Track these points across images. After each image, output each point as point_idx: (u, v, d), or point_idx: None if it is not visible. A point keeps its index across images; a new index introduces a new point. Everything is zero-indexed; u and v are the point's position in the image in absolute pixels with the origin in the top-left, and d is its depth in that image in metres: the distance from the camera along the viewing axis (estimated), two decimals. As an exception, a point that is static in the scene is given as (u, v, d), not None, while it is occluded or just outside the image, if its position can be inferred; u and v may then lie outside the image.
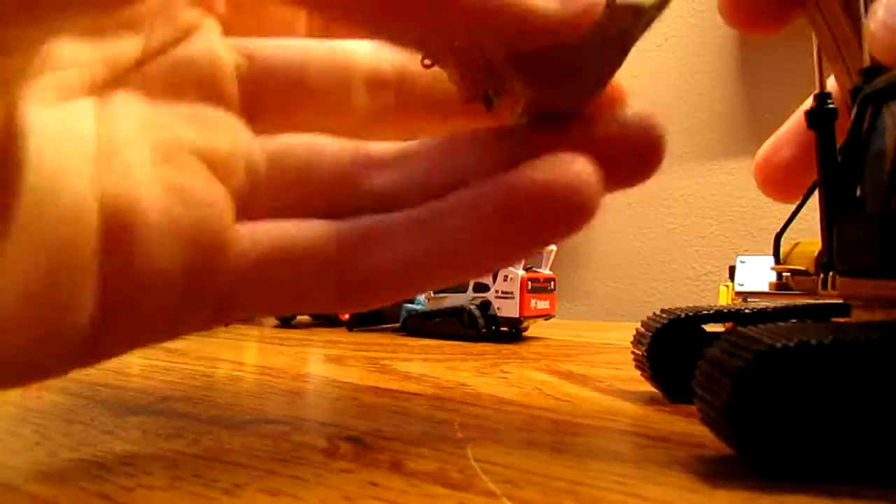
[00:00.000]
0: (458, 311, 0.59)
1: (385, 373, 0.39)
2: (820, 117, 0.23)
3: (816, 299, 0.28)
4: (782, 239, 0.29)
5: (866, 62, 0.21)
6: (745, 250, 0.87)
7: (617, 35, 0.17)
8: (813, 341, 0.18)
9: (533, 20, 0.15)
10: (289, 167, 0.19)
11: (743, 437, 0.18)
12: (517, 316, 0.57)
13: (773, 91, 0.86)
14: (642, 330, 0.31)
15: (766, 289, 0.47)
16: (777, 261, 0.29)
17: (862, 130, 0.20)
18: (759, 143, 0.24)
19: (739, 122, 0.87)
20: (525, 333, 0.61)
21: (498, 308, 0.58)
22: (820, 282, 0.24)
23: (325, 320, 0.73)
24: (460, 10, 0.14)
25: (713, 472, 0.20)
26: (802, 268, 0.27)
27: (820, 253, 0.24)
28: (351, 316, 0.70)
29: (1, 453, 0.21)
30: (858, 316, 0.23)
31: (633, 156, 0.18)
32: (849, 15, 0.22)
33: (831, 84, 0.25)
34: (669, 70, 0.96)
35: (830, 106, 0.24)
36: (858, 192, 0.21)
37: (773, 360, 0.18)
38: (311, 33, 0.21)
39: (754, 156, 0.27)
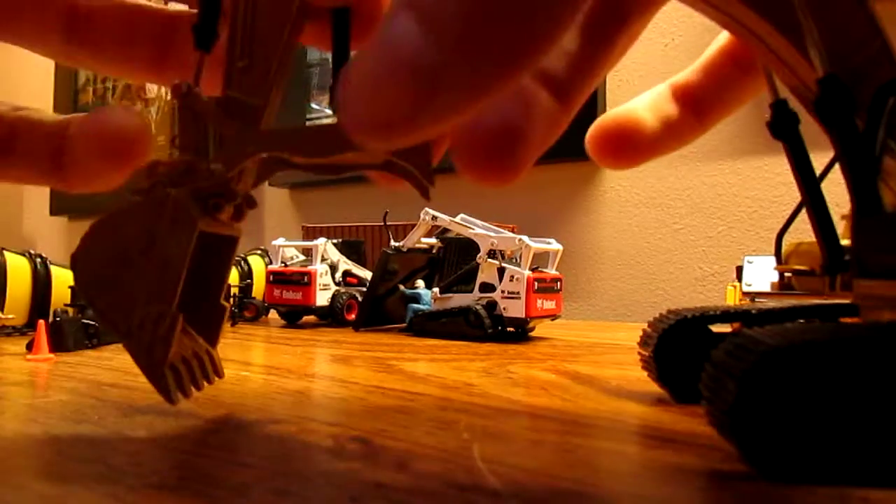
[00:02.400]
0: (464, 312, 0.59)
1: (391, 373, 0.39)
2: (784, 126, 0.23)
3: (824, 299, 0.27)
4: (784, 238, 0.29)
5: (819, 74, 0.21)
6: (753, 250, 0.87)
7: None
8: (818, 343, 0.18)
9: None
10: None
11: (749, 438, 0.18)
12: (523, 316, 0.57)
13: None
14: (649, 331, 0.31)
15: (771, 289, 0.47)
16: (779, 261, 0.29)
17: (881, 126, 0.20)
18: (766, 143, 0.24)
19: (746, 123, 0.87)
20: (531, 334, 0.61)
21: (504, 308, 0.58)
22: (827, 283, 0.24)
23: (332, 321, 0.73)
24: None
25: (720, 472, 0.19)
26: (806, 267, 0.27)
27: (822, 255, 0.24)
28: (357, 316, 0.70)
29: (10, 453, 0.21)
30: (867, 316, 0.22)
31: None
32: (789, 36, 0.21)
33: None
34: (676, 70, 0.95)
35: (791, 112, 0.23)
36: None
37: (778, 361, 0.18)
38: None
39: (761, 156, 0.27)
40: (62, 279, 0.63)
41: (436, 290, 0.63)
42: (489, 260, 0.59)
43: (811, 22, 0.20)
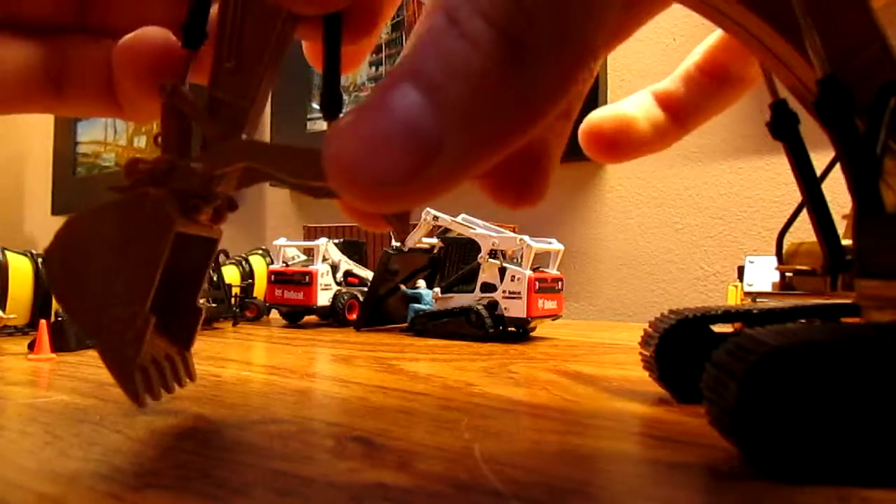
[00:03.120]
0: (465, 312, 0.59)
1: (392, 373, 0.39)
2: (784, 126, 0.23)
3: (825, 299, 0.27)
4: (785, 238, 0.29)
5: (818, 75, 0.21)
6: (754, 250, 0.86)
7: None
8: (820, 343, 0.18)
9: None
10: None
11: (750, 438, 0.18)
12: (525, 316, 0.57)
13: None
14: (650, 331, 0.30)
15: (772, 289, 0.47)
16: (780, 260, 0.29)
17: (882, 127, 0.20)
18: (767, 143, 0.24)
19: (748, 122, 0.87)
20: (532, 333, 0.61)
21: (505, 308, 0.58)
22: (828, 283, 0.24)
23: (333, 321, 0.73)
24: None
25: (722, 472, 0.19)
26: (808, 267, 0.27)
27: (823, 255, 0.24)
28: (358, 316, 0.70)
29: (11, 453, 0.21)
30: (869, 316, 0.22)
31: None
32: (788, 37, 0.21)
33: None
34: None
35: (791, 112, 0.23)
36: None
37: (780, 362, 0.18)
38: None
39: (763, 156, 0.27)
40: (64, 279, 0.63)
41: (437, 290, 0.63)
42: (490, 260, 0.59)
43: (811, 25, 0.20)
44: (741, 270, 0.55)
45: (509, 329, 0.59)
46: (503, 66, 0.13)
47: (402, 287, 0.67)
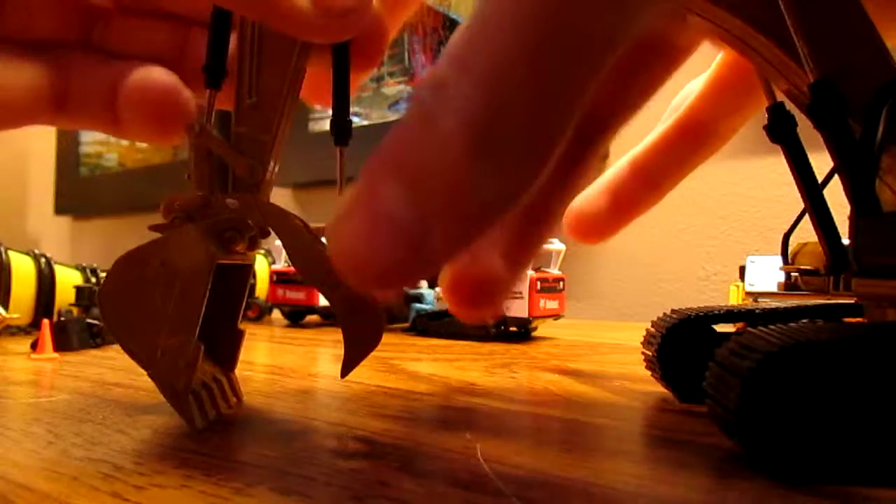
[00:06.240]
0: (467, 311, 0.59)
1: (394, 373, 0.39)
2: (781, 129, 0.23)
3: (828, 299, 0.27)
4: (790, 238, 0.29)
5: (810, 80, 0.21)
6: (756, 250, 0.86)
7: None
8: (823, 342, 0.18)
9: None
10: None
11: (753, 438, 0.18)
12: (526, 316, 0.57)
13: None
14: (652, 330, 0.30)
15: (775, 289, 0.47)
16: (785, 261, 0.29)
17: (879, 128, 0.20)
18: (768, 143, 0.24)
19: (749, 123, 0.86)
20: (534, 333, 0.61)
21: (507, 308, 0.58)
22: (831, 282, 0.24)
23: (335, 321, 0.73)
24: None
25: (724, 472, 0.19)
26: (811, 267, 0.27)
27: (825, 255, 0.24)
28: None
29: (14, 452, 0.21)
30: (872, 316, 0.22)
31: None
32: (781, 45, 0.22)
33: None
34: (679, 70, 0.95)
35: (789, 115, 0.24)
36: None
37: (784, 361, 0.18)
38: None
39: (764, 156, 0.28)
40: (66, 279, 0.63)
41: (439, 289, 0.63)
42: (492, 260, 0.59)
43: (802, 33, 0.20)
44: (743, 270, 0.55)
45: (511, 329, 0.59)
46: (476, 159, 0.13)
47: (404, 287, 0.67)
